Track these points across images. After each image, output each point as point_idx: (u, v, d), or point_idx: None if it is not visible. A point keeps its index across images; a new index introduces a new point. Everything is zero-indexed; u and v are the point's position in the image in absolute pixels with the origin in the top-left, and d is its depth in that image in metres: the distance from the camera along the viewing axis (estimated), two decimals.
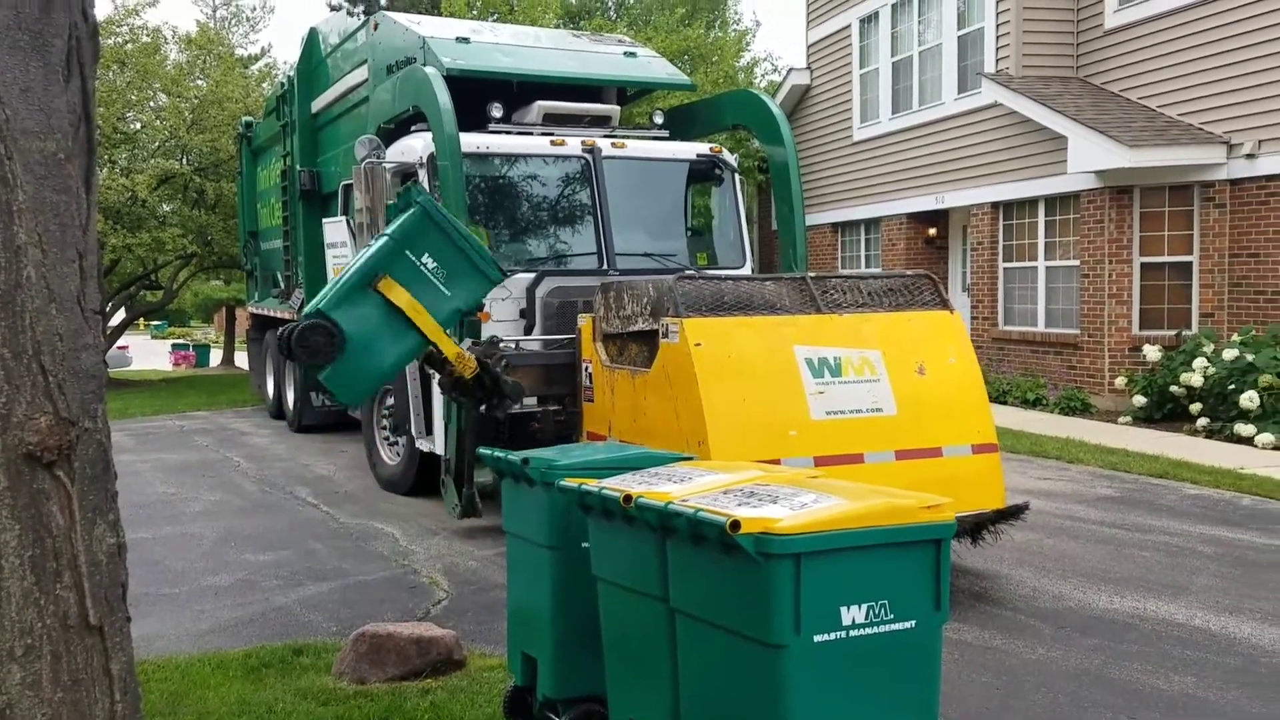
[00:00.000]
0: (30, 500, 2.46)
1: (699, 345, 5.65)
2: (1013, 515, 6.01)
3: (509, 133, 8.65)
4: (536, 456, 3.83)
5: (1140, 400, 11.96)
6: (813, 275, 6.36)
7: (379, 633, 4.73)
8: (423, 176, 8.00)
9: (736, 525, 2.66)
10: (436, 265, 5.59)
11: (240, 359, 26.52)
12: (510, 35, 10.12)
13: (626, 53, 9.96)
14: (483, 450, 4.21)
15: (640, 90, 10.84)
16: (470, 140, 8.05)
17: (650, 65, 9.98)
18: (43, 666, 2.46)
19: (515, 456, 3.86)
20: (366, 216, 7.58)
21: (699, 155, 9.11)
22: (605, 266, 8.29)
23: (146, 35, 19.77)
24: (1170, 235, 12.67)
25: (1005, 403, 13.50)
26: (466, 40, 9.09)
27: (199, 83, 20.31)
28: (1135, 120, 12.69)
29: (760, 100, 9.35)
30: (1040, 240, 14.10)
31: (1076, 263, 13.32)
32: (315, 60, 12.09)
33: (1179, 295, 12.69)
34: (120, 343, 24.60)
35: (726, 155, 9.25)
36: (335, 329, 5.29)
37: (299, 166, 12.00)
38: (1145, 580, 6.18)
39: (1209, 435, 10.92)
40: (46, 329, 2.48)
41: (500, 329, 7.62)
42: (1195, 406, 11.26)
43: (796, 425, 5.61)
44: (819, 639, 2.69)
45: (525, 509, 3.88)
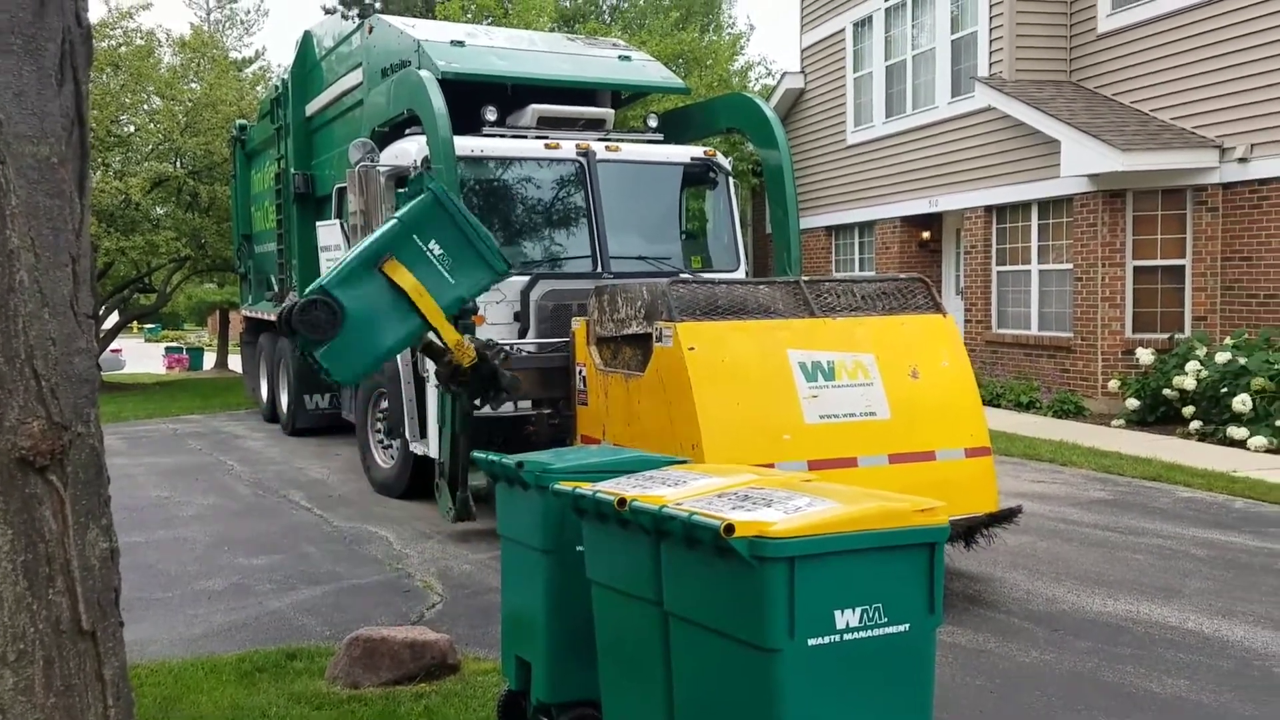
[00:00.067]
0: (23, 505, 2.46)
1: (693, 349, 5.65)
2: (1006, 518, 6.03)
3: (503, 136, 8.65)
4: (531, 460, 3.83)
5: (1133, 403, 11.98)
6: (806, 279, 6.37)
7: (373, 637, 4.72)
8: (409, 190, 7.99)
9: (731, 529, 2.66)
10: (443, 252, 5.59)
11: (234, 362, 26.47)
12: (505, 39, 10.11)
13: (621, 56, 9.97)
14: (477, 453, 4.21)
15: (634, 94, 10.84)
16: (464, 143, 8.05)
17: (644, 69, 9.98)
18: (35, 672, 2.45)
19: (509, 460, 3.86)
20: (360, 219, 7.58)
21: (693, 159, 9.12)
22: (599, 270, 8.30)
23: (140, 38, 19.78)
24: (1163, 239, 12.71)
25: (998, 406, 13.52)
26: (461, 44, 9.09)
27: (193, 86, 20.29)
28: (1128, 124, 12.73)
29: (754, 104, 9.37)
30: (1033, 244, 14.13)
31: (1069, 266, 13.35)
32: (309, 63, 12.09)
33: (1172, 299, 12.73)
34: (114, 346, 24.56)
35: (721, 159, 9.25)
36: (337, 305, 5.27)
37: (293, 170, 12.00)
38: (1138, 583, 6.20)
39: (1202, 438, 10.95)
40: (39, 333, 2.48)
41: (495, 332, 7.62)
42: (1188, 410, 11.29)
43: (790, 429, 5.62)
44: (813, 643, 2.69)
45: (519, 512, 3.88)
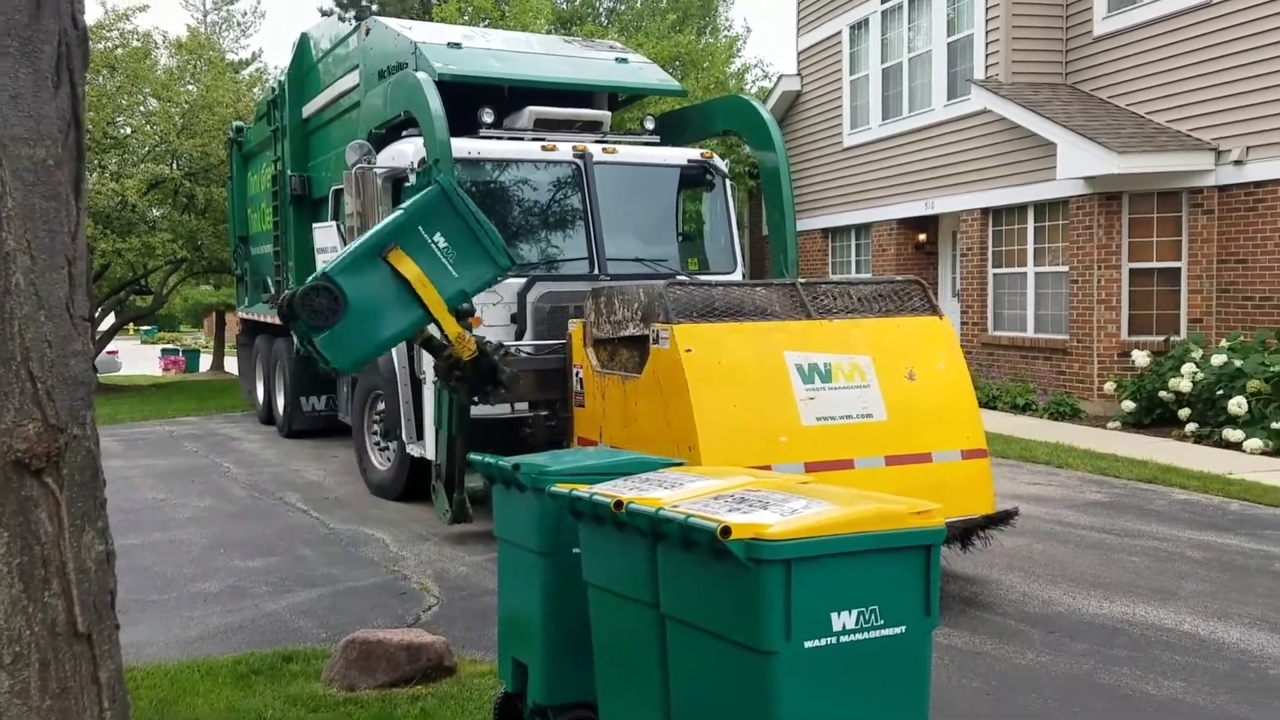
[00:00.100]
0: (18, 507, 2.46)
1: (689, 351, 5.65)
2: (1002, 520, 6.03)
3: (500, 138, 8.65)
4: (527, 462, 3.83)
5: (1129, 405, 12.00)
6: (803, 281, 6.37)
7: (369, 639, 4.71)
8: (414, 181, 8.00)
9: (727, 531, 2.66)
10: (448, 245, 5.58)
11: (230, 364, 26.45)
12: (502, 41, 10.12)
13: (618, 58, 9.97)
14: (473, 455, 4.20)
15: (631, 96, 10.84)
16: (461, 145, 8.05)
17: (641, 71, 9.99)
18: (31, 674, 2.45)
19: (506, 462, 3.85)
20: (357, 221, 7.57)
21: (690, 161, 9.13)
22: (596, 271, 8.30)
23: (137, 40, 19.75)
24: (1159, 241, 12.73)
25: (995, 408, 13.53)
26: (458, 45, 9.09)
27: (189, 87, 20.28)
28: (1124, 127, 12.75)
29: (751, 106, 9.37)
30: (1029, 246, 14.15)
31: (1065, 268, 13.37)
32: (306, 65, 12.08)
33: (1167, 301, 12.75)
34: (110, 348, 24.53)
35: (717, 161, 9.26)
36: (339, 293, 5.26)
37: (290, 171, 11.99)
38: (1134, 585, 6.20)
39: (1197, 440, 10.96)
40: (35, 336, 2.48)
41: (491, 334, 7.61)
42: (1184, 412, 11.31)
43: (787, 431, 5.62)
44: (809, 645, 2.70)
45: (516, 514, 3.87)
